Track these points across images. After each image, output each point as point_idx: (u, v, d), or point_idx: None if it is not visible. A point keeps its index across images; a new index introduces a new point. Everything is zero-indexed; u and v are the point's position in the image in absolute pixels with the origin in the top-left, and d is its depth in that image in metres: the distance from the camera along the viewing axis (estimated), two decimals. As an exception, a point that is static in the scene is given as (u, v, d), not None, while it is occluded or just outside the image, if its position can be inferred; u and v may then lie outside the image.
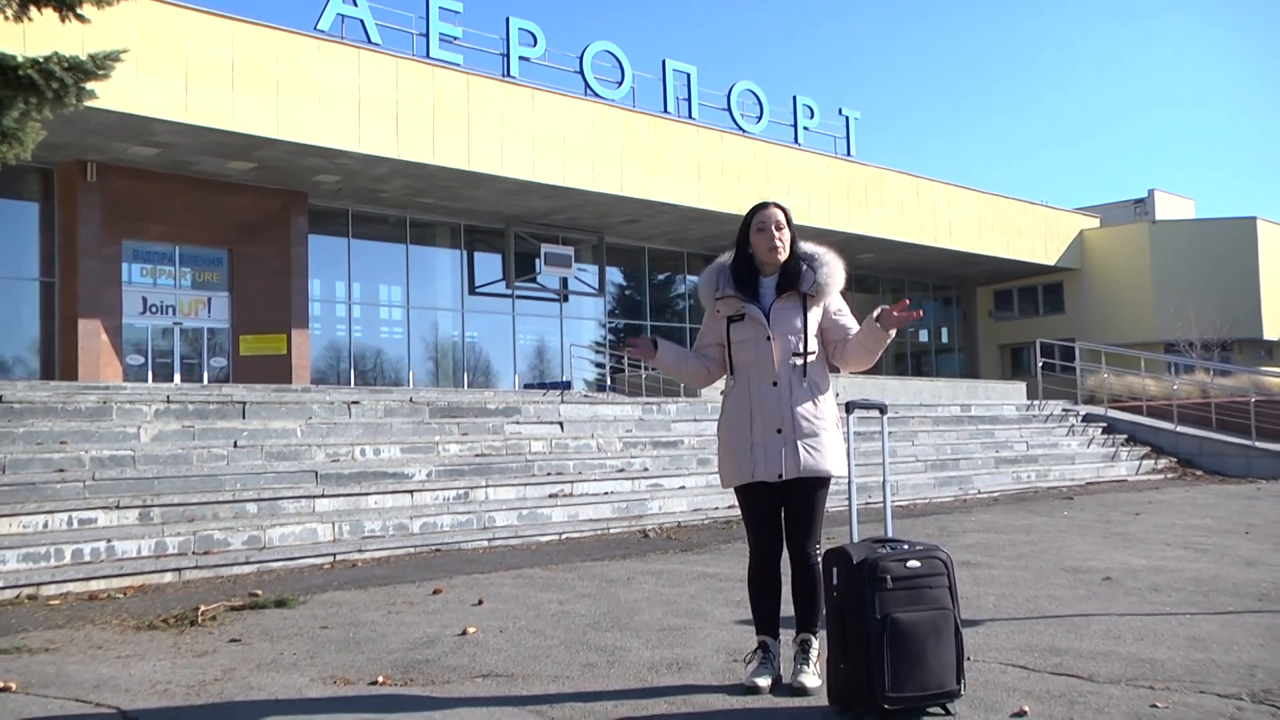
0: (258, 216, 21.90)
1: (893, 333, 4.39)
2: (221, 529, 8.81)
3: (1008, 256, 33.32)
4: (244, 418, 11.28)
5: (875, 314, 4.40)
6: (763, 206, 4.60)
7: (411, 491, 10.54)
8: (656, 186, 24.19)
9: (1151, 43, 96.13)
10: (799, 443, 4.41)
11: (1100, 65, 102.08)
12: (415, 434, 12.09)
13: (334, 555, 9.05)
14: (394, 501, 10.35)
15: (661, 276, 31.09)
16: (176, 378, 21.07)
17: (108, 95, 14.81)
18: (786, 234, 4.54)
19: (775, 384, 4.44)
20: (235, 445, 10.44)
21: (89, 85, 9.71)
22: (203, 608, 6.63)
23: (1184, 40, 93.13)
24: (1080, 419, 20.22)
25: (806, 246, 4.62)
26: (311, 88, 19.21)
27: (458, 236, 26.03)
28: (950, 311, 39.46)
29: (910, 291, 37.78)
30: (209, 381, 21.02)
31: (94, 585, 7.73)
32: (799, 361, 4.47)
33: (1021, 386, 24.82)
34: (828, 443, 4.45)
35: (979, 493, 15.02)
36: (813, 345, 4.51)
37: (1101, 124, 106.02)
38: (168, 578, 8.10)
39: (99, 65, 9.65)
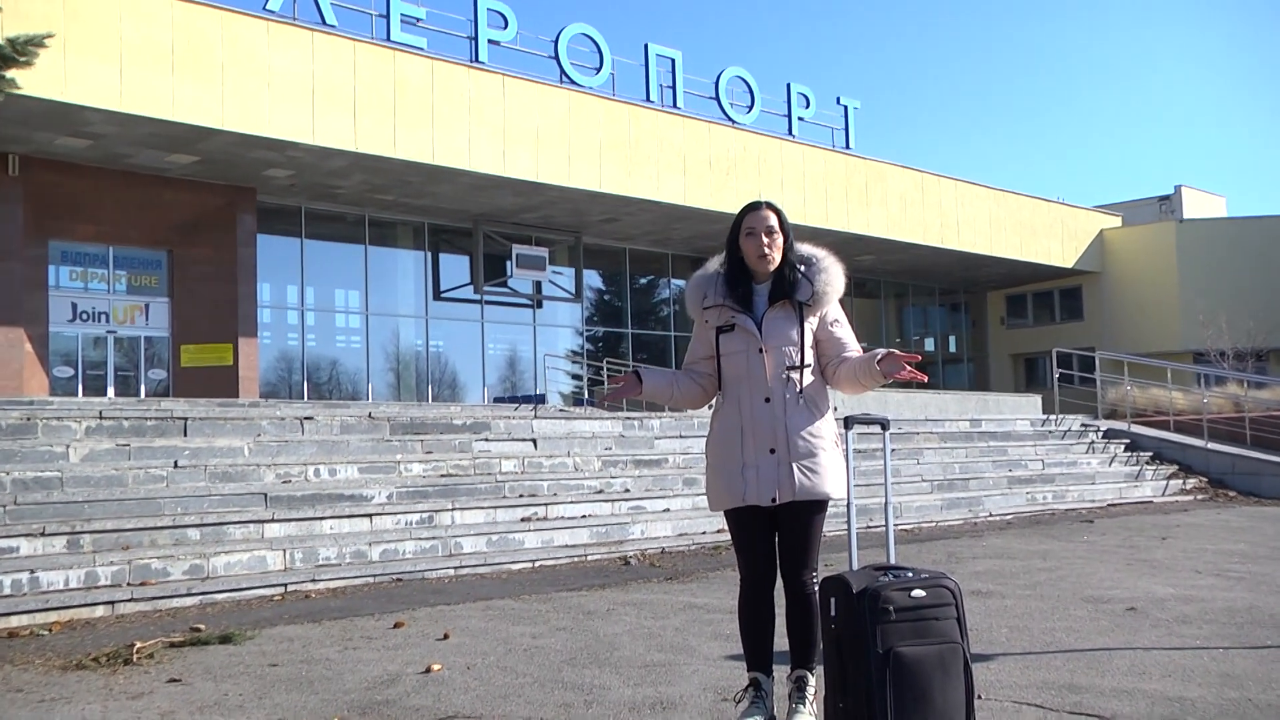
0: (200, 215, 21.81)
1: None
2: (160, 557, 8.75)
3: (1021, 258, 33.47)
4: (185, 435, 11.22)
5: (880, 356, 4.41)
6: (753, 208, 4.60)
7: (370, 515, 10.50)
8: (638, 182, 24.22)
9: (1178, 26, 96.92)
10: (794, 463, 4.41)
11: (1123, 51, 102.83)
12: (375, 452, 12.05)
13: (285, 586, 9.00)
14: (351, 526, 10.30)
15: (644, 280, 31.10)
16: (110, 391, 20.95)
17: (32, 81, 14.74)
18: (779, 239, 4.54)
19: (768, 400, 4.45)
20: (175, 465, 10.38)
21: (9, 73, 9.66)
22: (138, 645, 6.58)
23: (1214, 24, 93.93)
24: (1101, 435, 20.31)
25: (803, 249, 4.63)
26: (260, 73, 19.16)
27: (421, 237, 25.99)
28: (958, 318, 39.61)
29: (915, 297, 37.90)
30: (146, 395, 20.90)
31: (15, 621, 7.66)
32: (794, 375, 4.48)
33: (1036, 400, 24.91)
34: (826, 463, 4.46)
35: (990, 515, 15.06)
36: (809, 358, 4.52)
37: (1124, 114, 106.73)
38: (99, 612, 8.04)
39: (20, 51, 9.61)
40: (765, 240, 4.51)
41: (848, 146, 29.14)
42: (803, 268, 4.57)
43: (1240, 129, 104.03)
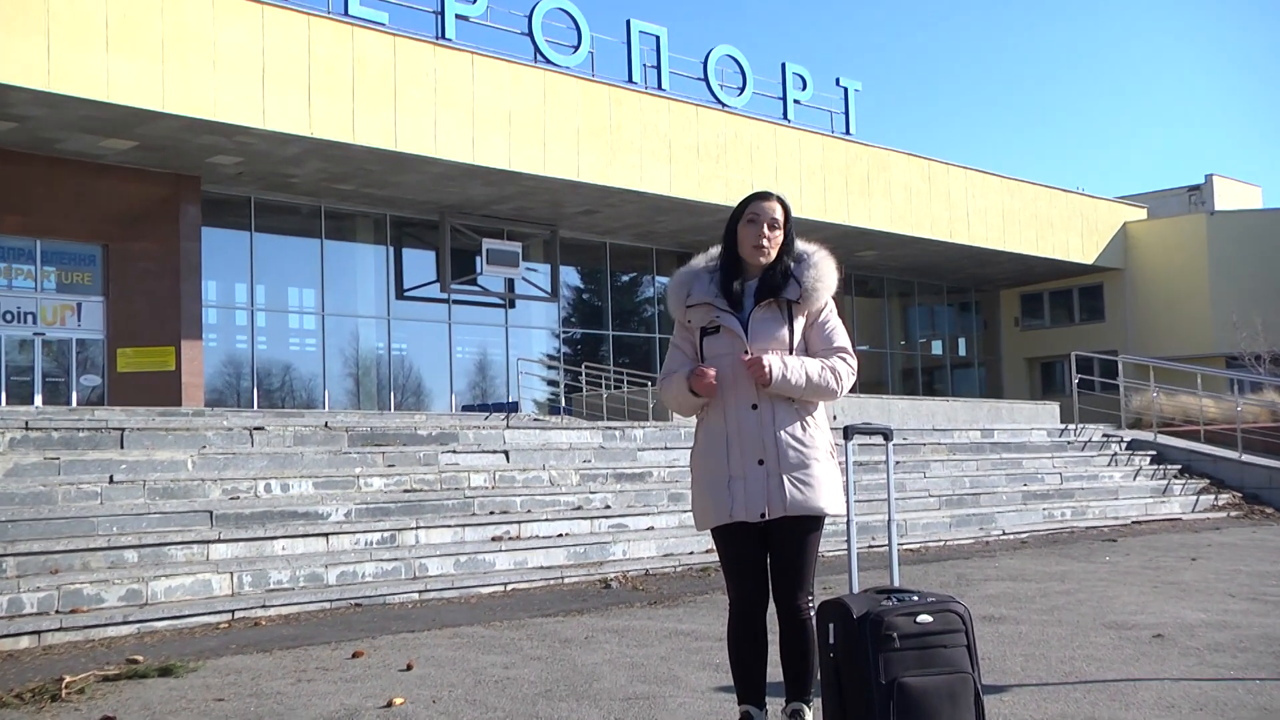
0: (140, 206, 21.74)
1: (782, 381, 4.40)
2: (93, 582, 8.70)
3: (1037, 254, 33.59)
4: (122, 447, 11.16)
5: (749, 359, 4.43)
6: (762, 196, 4.63)
7: (327, 535, 10.47)
8: (619, 170, 24.24)
9: (1209, 2, 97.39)
10: (785, 476, 4.42)
11: (1149, 27, 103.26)
12: (331, 466, 12.02)
13: (232, 612, 8.96)
14: (305, 547, 10.27)
15: (626, 278, 31.10)
16: (37, 399, 20.85)
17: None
18: (779, 236, 4.56)
19: (755, 407, 4.46)
20: (111, 481, 10.33)
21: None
22: (68, 679, 6.54)
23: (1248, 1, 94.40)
24: (1124, 446, 20.38)
25: (796, 244, 4.64)
26: (205, 51, 19.11)
27: (383, 230, 25.95)
28: (969, 319, 39.73)
29: (921, 295, 38.02)
30: (79, 404, 20.81)
31: (-63, 651, 7.61)
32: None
33: (1054, 408, 24.99)
34: (820, 475, 4.46)
35: (1004, 534, 15.09)
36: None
37: (1150, 97, 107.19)
38: (24, 642, 7.99)
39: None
40: (766, 232, 4.53)
41: (848, 132, 29.22)
42: (792, 264, 4.59)
43: (1277, 113, 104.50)
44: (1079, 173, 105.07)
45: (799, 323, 4.55)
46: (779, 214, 4.57)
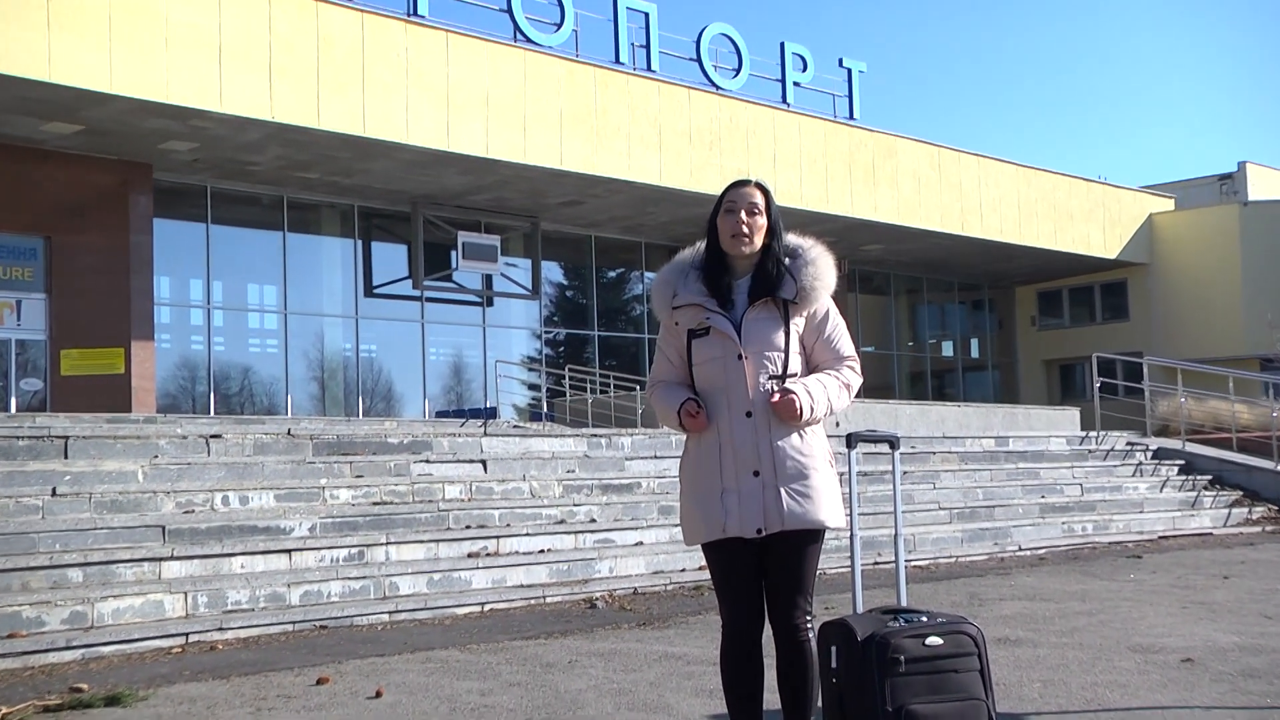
0: (86, 195, 21.68)
1: (809, 417, 4.43)
2: (34, 604, 8.67)
3: (1056, 248, 33.66)
4: (66, 457, 11.13)
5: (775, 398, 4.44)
6: (738, 184, 4.65)
7: (290, 551, 10.46)
8: (606, 158, 24.24)
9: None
10: (782, 487, 4.42)
11: (1175, 5, 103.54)
12: (295, 476, 12.00)
13: (186, 636, 8.94)
14: (266, 564, 10.26)
15: (613, 274, 31.10)
16: (-22, 405, 20.80)
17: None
18: (760, 221, 4.57)
19: (750, 414, 4.47)
20: (54, 493, 10.29)
21: None
22: (4, 710, 6.52)
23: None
24: (1150, 455, 20.42)
25: (788, 239, 4.66)
26: (156, 27, 19.07)
27: (350, 222, 25.92)
28: (981, 318, 39.80)
29: (930, 293, 38.08)
30: (18, 410, 20.73)
31: None
32: (779, 386, 4.49)
33: (1074, 414, 25.05)
34: (819, 486, 4.47)
35: (1020, 549, 15.12)
36: (796, 364, 4.55)
37: (1178, 79, 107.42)
38: (-37, 667, 7.96)
39: None
40: (744, 220, 4.53)
41: (851, 117, 29.25)
42: (787, 260, 4.59)
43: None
44: (1101, 161, 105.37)
45: (796, 324, 4.55)
46: (759, 199, 4.58)
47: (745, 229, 4.54)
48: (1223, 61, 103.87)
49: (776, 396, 4.42)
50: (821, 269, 4.58)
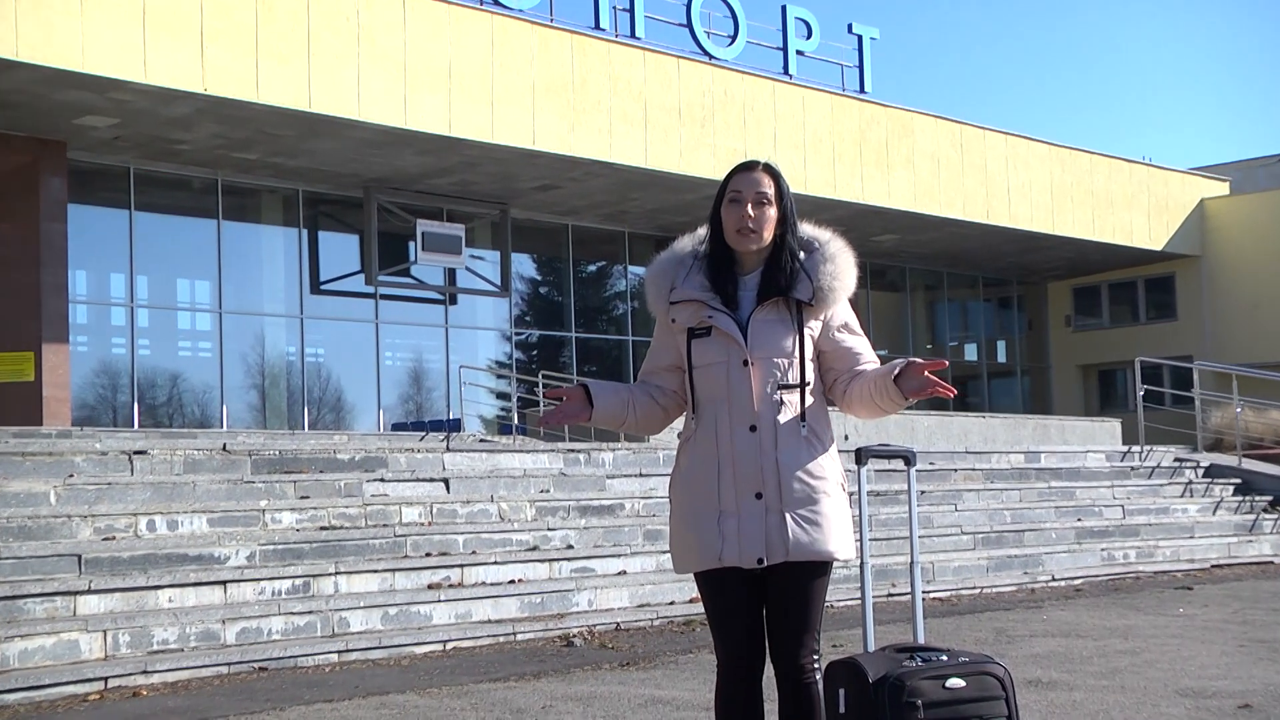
0: (-7, 178, 21.64)
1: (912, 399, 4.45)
2: (-64, 642, 8.63)
3: (1093, 238, 33.67)
4: (-29, 476, 11.09)
5: (897, 369, 4.43)
6: (745, 168, 4.62)
7: (225, 583, 10.43)
8: (584, 137, 24.22)
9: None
10: (788, 513, 4.42)
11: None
12: (231, 498, 11.96)
13: (105, 680, 8.90)
14: (198, 598, 10.23)
15: (592, 268, 31.08)
16: None
17: None
18: (770, 213, 4.55)
19: (755, 428, 4.46)
20: (-43, 517, 10.26)
21: None
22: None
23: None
24: (1201, 473, 20.45)
25: (803, 230, 4.64)
26: (75, -11, 19.03)
27: (294, 209, 25.87)
28: (1009, 318, 39.84)
29: (952, 289, 38.13)
30: (-80, 423, 20.66)
31: None
32: (789, 396, 4.49)
33: (1114, 426, 25.10)
34: (829, 513, 4.47)
35: (1053, 579, 15.14)
36: (809, 374, 4.54)
37: (1231, 45, 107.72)
38: None
39: None
40: (751, 211, 4.51)
41: (862, 90, 29.28)
42: (802, 255, 4.58)
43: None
44: (1145, 139, 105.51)
45: (810, 329, 4.55)
46: (768, 186, 4.56)
47: (751, 224, 4.52)
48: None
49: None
50: (841, 267, 4.57)
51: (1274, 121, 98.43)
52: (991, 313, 39.60)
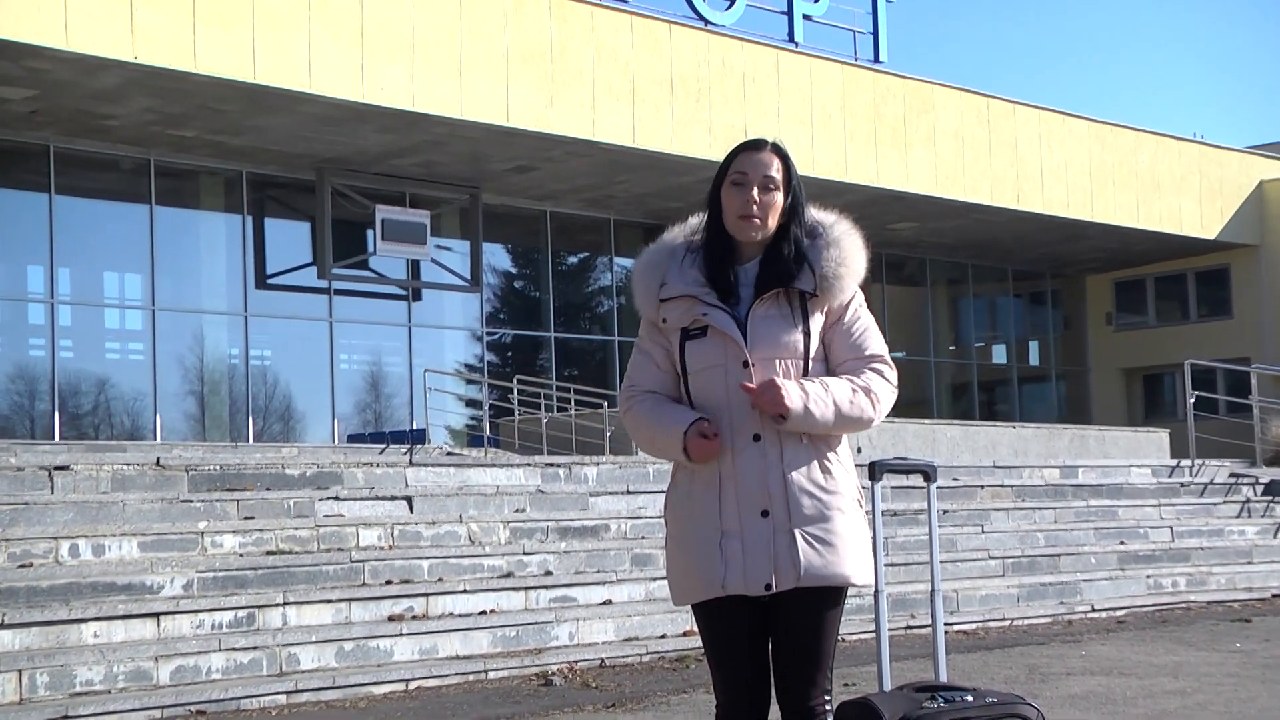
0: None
1: (804, 416, 4.38)
2: None
3: (1137, 225, 33.70)
4: None
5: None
6: (750, 147, 4.60)
7: (158, 615, 10.40)
8: (564, 112, 24.21)
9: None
10: (797, 532, 4.41)
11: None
12: (165, 519, 11.94)
13: (23, 724, 8.89)
14: (128, 632, 10.20)
15: (574, 259, 31.09)
16: None
17: None
18: (776, 199, 4.53)
19: (758, 437, 4.45)
20: None
21: None
22: None
23: None
24: (1260, 490, 20.46)
25: (810, 213, 4.63)
26: (-11, -56, 19.01)
27: (237, 193, 25.83)
28: (1043, 316, 39.86)
29: (978, 283, 38.15)
30: None
31: None
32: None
33: (1161, 437, 25.14)
34: (844, 531, 4.46)
35: (1093, 610, 15.15)
36: (817, 373, 4.53)
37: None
38: None
39: None
40: (756, 196, 4.50)
41: (877, 60, 29.31)
42: (805, 240, 4.58)
43: None
44: (1197, 115, 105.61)
45: (816, 322, 4.53)
46: (775, 169, 4.54)
47: (756, 209, 4.50)
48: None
49: (752, 384, 4.38)
50: (848, 252, 4.54)
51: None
52: (1023, 310, 39.63)
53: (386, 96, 22.33)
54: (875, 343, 4.58)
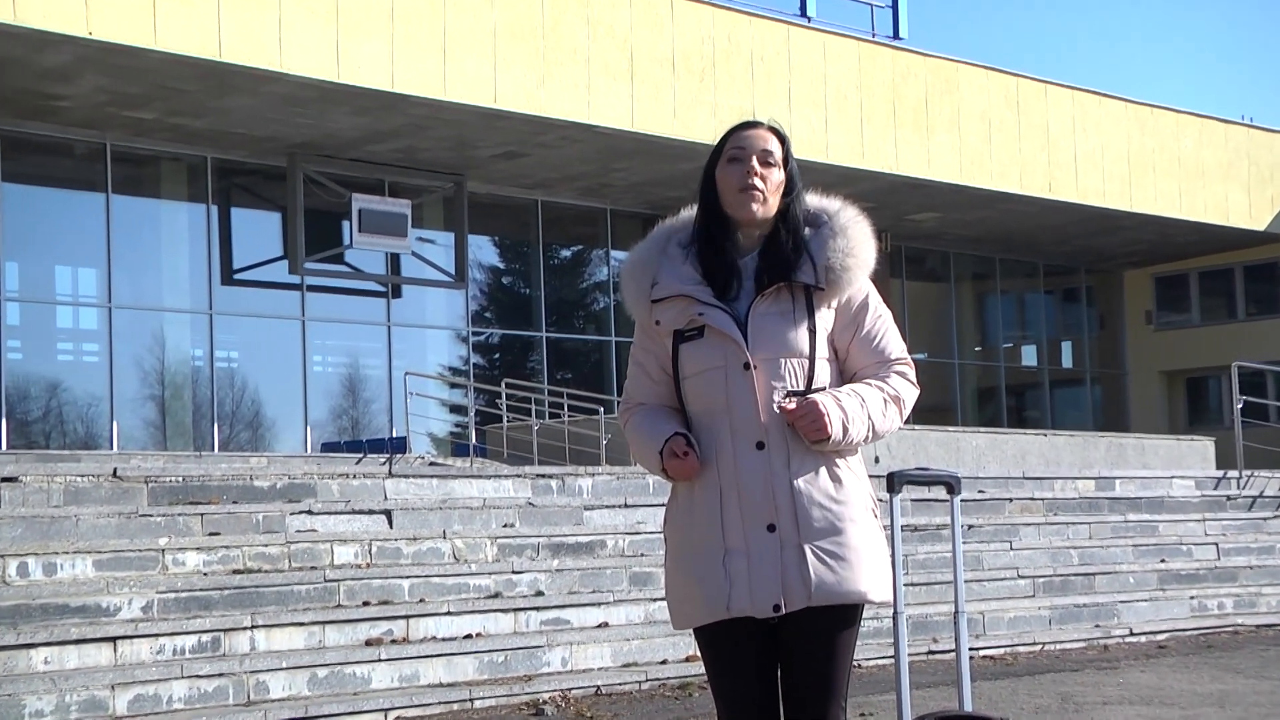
0: None
1: (843, 438, 4.40)
2: None
3: (1180, 216, 33.71)
4: None
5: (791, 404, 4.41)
6: (746, 125, 4.62)
7: (115, 639, 10.39)
8: (556, 93, 24.22)
9: None
10: (808, 546, 4.41)
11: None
12: (123, 535, 11.93)
13: (-32, 758, 8.90)
14: (81, 658, 10.20)
15: (566, 253, 31.12)
16: None
17: None
18: (776, 175, 4.54)
19: (762, 445, 4.45)
20: None
21: None
22: None
23: None
24: (1315, 503, 20.46)
25: (810, 201, 4.64)
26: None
27: (201, 181, 25.84)
28: (1076, 314, 39.88)
29: (1006, 279, 38.17)
30: None
31: None
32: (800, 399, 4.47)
33: (1207, 445, 25.14)
34: (859, 545, 4.46)
35: (1131, 633, 15.14)
36: (824, 375, 4.53)
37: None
38: None
39: None
40: (756, 168, 4.50)
41: (897, 36, 29.35)
42: (807, 230, 4.58)
43: None
44: (1244, 95, 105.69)
45: (822, 319, 4.52)
46: (775, 145, 4.55)
47: (758, 182, 4.50)
48: None
49: (791, 404, 4.37)
50: (855, 240, 4.54)
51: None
52: (1055, 308, 39.66)
53: (363, 76, 22.34)
54: (897, 345, 4.59)
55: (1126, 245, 36.66)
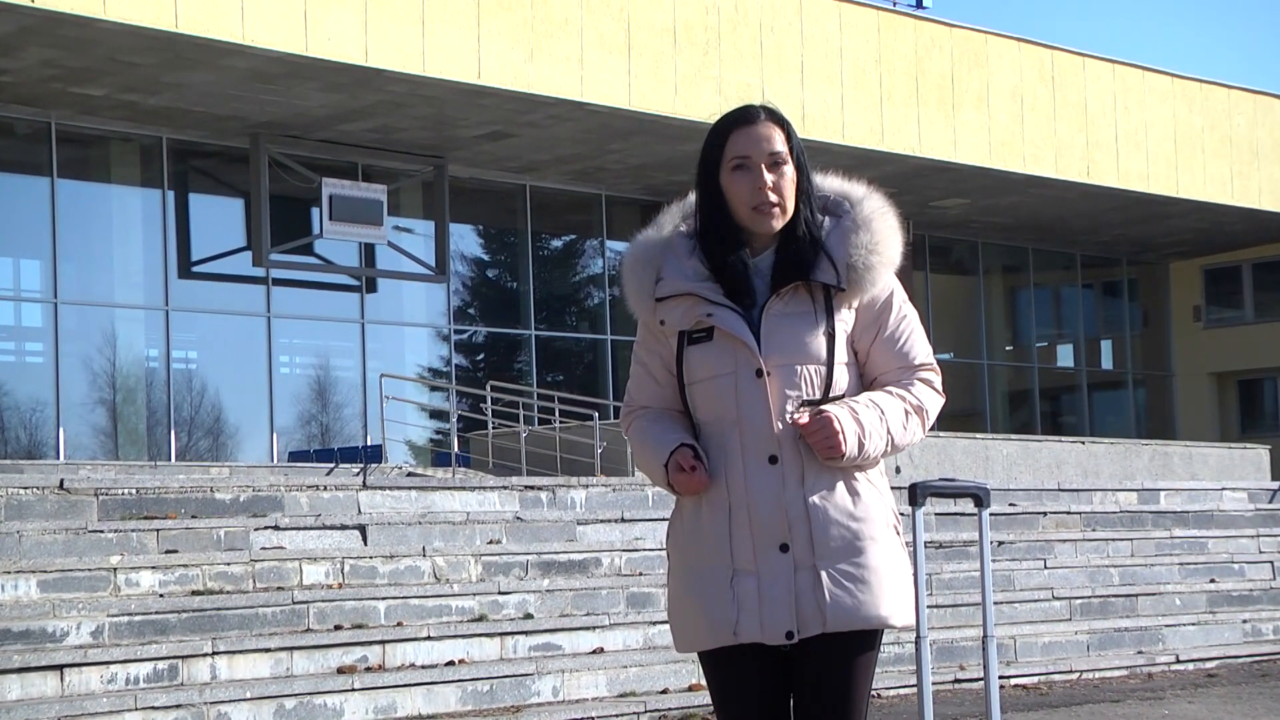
0: None
1: (858, 453, 4.39)
2: None
3: (1231, 202, 33.70)
4: None
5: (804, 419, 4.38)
6: (742, 120, 4.53)
7: (62, 667, 10.41)
8: (546, 67, 24.25)
9: None
10: (823, 569, 4.39)
11: None
12: (71, 553, 11.95)
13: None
14: (25, 688, 10.22)
15: (557, 243, 31.14)
16: None
17: None
18: (789, 176, 4.46)
19: (775, 459, 4.42)
20: None
21: None
22: None
23: None
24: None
25: (828, 185, 4.60)
26: None
27: (155, 163, 25.85)
28: (1118, 310, 39.89)
29: (1039, 271, 38.17)
30: None
31: None
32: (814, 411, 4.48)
33: (1261, 454, 25.18)
34: (878, 564, 4.45)
35: (1178, 660, 15.15)
36: (843, 381, 4.50)
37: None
38: None
39: None
40: (769, 178, 4.44)
41: (920, 5, 29.35)
42: (825, 221, 4.54)
43: None
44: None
45: (842, 322, 4.47)
46: (778, 141, 4.47)
47: (770, 195, 4.43)
48: None
49: (804, 418, 4.33)
50: (881, 235, 4.47)
51: None
52: (1093, 303, 39.68)
53: (334, 49, 22.35)
54: (922, 349, 4.53)
55: (1172, 234, 36.67)
